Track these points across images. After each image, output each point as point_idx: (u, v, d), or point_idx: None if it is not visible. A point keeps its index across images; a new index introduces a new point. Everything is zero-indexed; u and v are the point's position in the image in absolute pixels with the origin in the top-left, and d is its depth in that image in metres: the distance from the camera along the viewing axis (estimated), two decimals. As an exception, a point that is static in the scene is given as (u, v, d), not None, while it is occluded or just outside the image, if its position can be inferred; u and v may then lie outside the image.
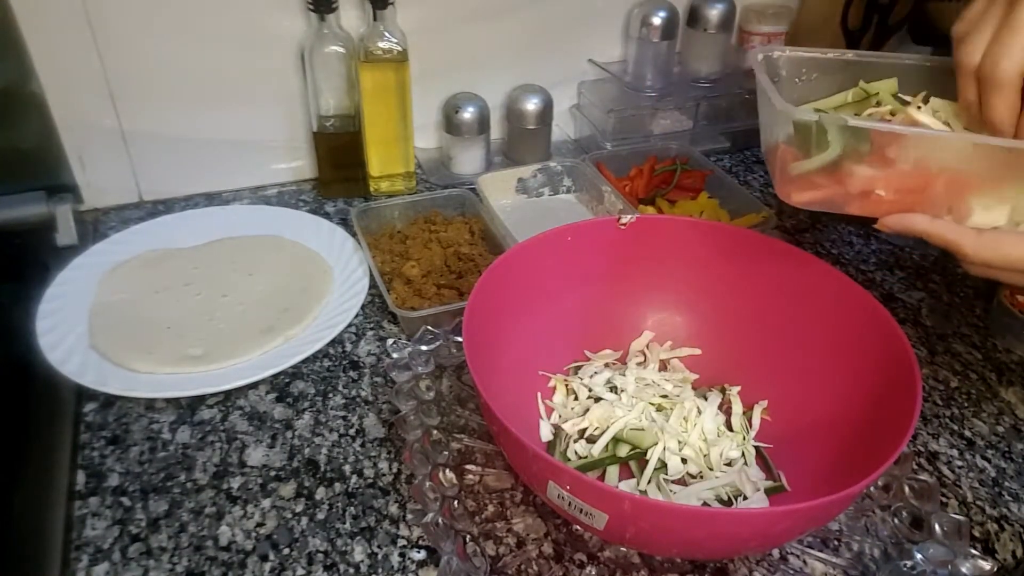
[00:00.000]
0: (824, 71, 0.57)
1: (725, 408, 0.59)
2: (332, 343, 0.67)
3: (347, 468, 0.57)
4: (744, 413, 0.59)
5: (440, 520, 0.49)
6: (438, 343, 0.60)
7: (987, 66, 0.47)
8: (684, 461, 0.55)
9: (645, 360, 0.64)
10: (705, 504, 0.53)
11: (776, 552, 0.51)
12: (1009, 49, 0.46)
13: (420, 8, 0.83)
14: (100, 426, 0.59)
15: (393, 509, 0.54)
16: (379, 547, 0.51)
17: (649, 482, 0.54)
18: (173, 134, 0.82)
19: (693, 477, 0.55)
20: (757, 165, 0.97)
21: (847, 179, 0.48)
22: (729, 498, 0.53)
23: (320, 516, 0.53)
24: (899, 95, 0.56)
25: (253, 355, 0.64)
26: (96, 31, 0.74)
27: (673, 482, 0.54)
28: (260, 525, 0.52)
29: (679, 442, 0.56)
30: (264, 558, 0.50)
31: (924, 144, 0.47)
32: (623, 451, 0.55)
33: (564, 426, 0.58)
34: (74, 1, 0.72)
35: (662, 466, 0.55)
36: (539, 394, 0.60)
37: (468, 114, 0.87)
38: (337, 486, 0.55)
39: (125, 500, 0.54)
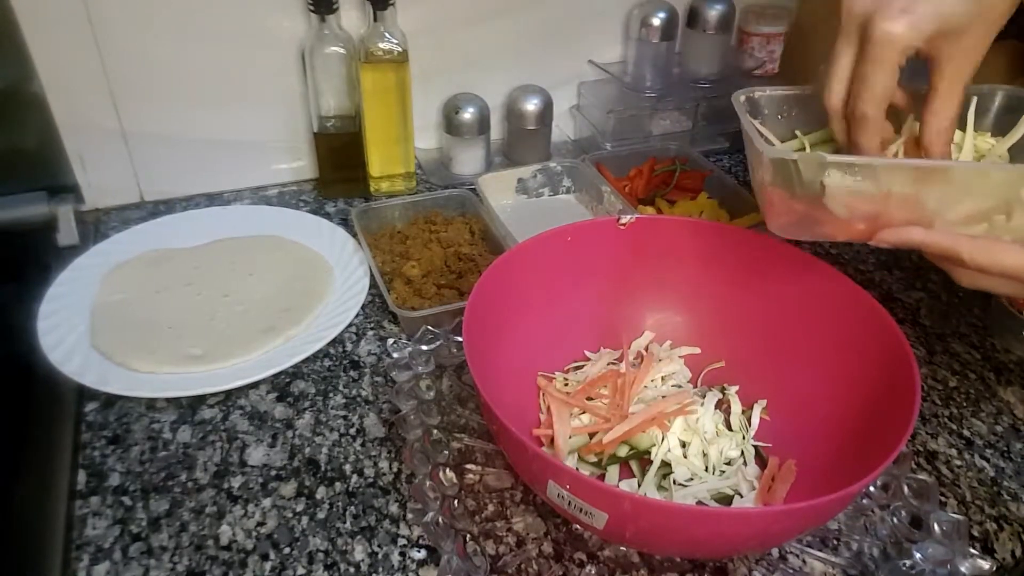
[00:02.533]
0: (804, 106, 0.58)
1: (724, 407, 0.59)
2: (332, 343, 0.67)
3: (347, 467, 0.57)
4: (743, 412, 0.59)
5: (440, 519, 0.49)
6: (438, 343, 0.61)
7: (851, 106, 0.50)
8: (684, 456, 0.55)
9: (644, 360, 0.64)
10: (704, 503, 0.53)
11: (775, 551, 0.51)
12: (869, 86, 0.48)
13: (420, 9, 0.83)
14: (101, 426, 0.59)
15: (393, 508, 0.54)
16: (379, 546, 0.51)
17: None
18: (174, 134, 0.82)
19: (692, 477, 0.55)
20: (757, 165, 0.97)
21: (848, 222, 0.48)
22: (728, 497, 0.53)
23: (320, 515, 0.53)
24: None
25: (254, 355, 0.64)
26: (97, 31, 0.74)
27: (672, 481, 0.54)
28: (261, 524, 0.52)
29: (679, 441, 0.56)
30: (265, 557, 0.50)
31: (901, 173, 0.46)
32: (623, 451, 0.55)
33: (564, 426, 0.58)
34: (75, 1, 0.72)
35: (662, 465, 0.55)
36: (541, 393, 0.60)
37: (468, 114, 0.87)
38: (337, 485, 0.55)
39: (126, 499, 0.54)
